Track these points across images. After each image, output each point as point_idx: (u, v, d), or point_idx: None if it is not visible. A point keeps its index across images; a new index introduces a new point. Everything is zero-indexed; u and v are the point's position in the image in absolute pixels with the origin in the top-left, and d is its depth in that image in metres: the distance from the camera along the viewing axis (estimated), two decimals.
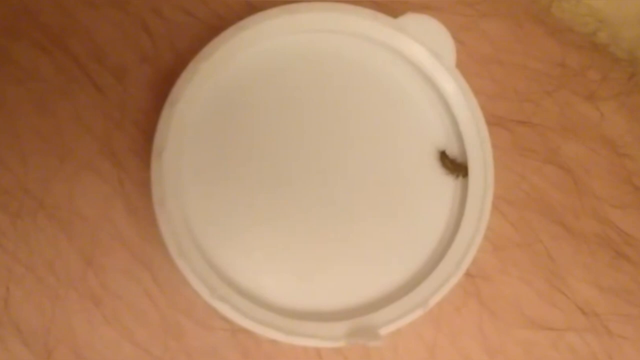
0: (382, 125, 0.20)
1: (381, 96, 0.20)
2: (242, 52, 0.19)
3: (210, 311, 0.18)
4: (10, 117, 0.19)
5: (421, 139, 0.20)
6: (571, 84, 0.21)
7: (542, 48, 0.22)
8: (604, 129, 0.21)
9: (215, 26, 0.20)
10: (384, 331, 0.18)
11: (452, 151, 0.20)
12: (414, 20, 0.19)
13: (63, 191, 0.19)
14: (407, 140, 0.20)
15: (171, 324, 0.19)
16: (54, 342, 0.18)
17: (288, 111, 0.20)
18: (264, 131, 0.19)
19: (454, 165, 0.20)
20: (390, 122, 0.20)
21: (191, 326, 0.19)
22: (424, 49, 0.19)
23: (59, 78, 0.19)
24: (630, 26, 0.23)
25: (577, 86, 0.21)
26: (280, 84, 0.20)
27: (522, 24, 0.22)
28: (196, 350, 0.19)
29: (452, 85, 0.19)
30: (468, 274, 0.19)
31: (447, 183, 0.20)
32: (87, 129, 0.19)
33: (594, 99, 0.21)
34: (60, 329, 0.19)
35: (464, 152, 0.20)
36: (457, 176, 0.20)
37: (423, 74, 0.20)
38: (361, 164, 0.20)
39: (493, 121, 0.20)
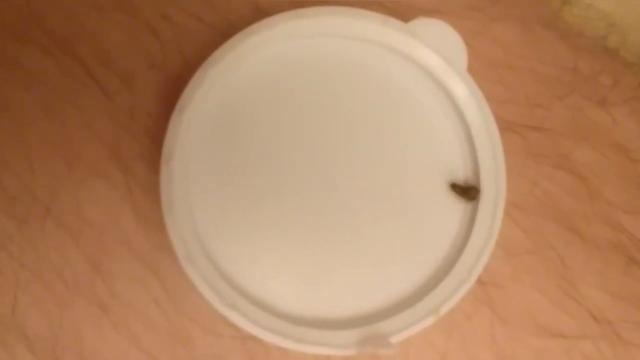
0: (393, 131, 0.20)
1: (391, 101, 0.20)
2: (251, 58, 0.19)
3: (218, 318, 0.18)
4: (17, 122, 0.19)
5: (432, 144, 0.20)
6: (582, 89, 0.21)
7: (552, 53, 0.21)
8: (615, 135, 0.21)
9: (223, 31, 0.20)
10: (395, 339, 0.18)
11: (464, 175, 0.20)
12: (425, 25, 0.19)
13: (71, 197, 0.19)
14: (418, 146, 0.20)
15: (179, 330, 0.19)
16: (61, 349, 0.18)
17: (297, 117, 0.19)
18: (273, 137, 0.19)
19: (465, 191, 0.19)
20: (401, 127, 0.20)
21: (199, 333, 0.19)
22: (435, 53, 0.19)
23: (67, 83, 0.19)
24: None
25: (589, 91, 0.21)
26: (289, 89, 0.19)
27: (533, 29, 0.22)
28: (204, 358, 0.19)
29: (464, 90, 0.19)
30: (480, 281, 0.19)
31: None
32: (95, 135, 0.19)
33: (606, 104, 0.21)
34: (68, 335, 0.18)
35: (475, 158, 0.19)
36: (469, 200, 0.19)
37: (434, 79, 0.19)
38: (371, 169, 0.19)
39: (504, 126, 0.20)
